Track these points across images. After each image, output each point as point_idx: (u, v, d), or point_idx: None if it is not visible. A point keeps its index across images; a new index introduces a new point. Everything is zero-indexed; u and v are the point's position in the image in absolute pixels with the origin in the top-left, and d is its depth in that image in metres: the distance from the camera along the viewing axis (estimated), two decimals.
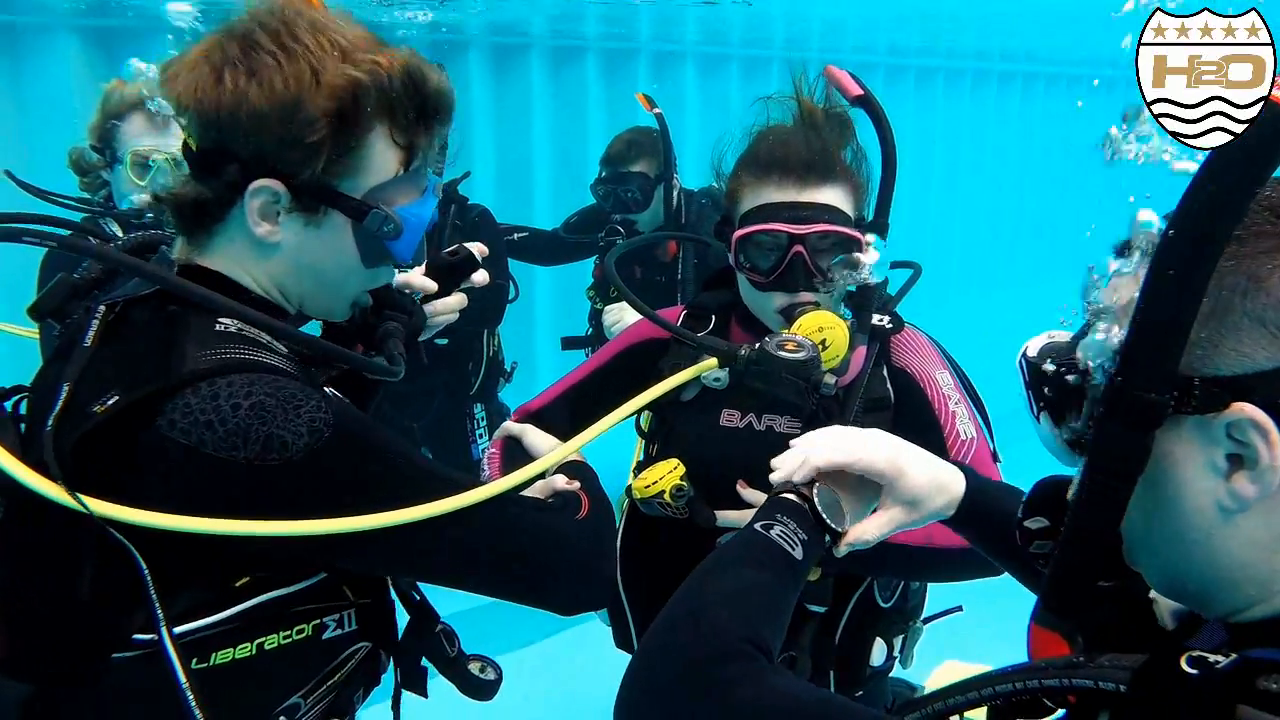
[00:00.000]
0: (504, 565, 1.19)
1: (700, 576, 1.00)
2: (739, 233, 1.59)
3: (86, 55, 4.36)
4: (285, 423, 1.03)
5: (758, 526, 1.10)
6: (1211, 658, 0.63)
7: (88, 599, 1.04)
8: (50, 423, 1.03)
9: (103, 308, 1.12)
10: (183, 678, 1.03)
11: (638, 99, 3.72)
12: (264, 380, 1.05)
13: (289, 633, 1.12)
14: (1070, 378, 0.76)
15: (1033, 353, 0.80)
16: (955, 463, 1.27)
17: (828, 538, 1.16)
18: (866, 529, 1.20)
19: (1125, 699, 0.67)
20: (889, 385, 1.65)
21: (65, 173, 2.76)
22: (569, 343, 3.80)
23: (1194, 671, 0.63)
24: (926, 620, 1.83)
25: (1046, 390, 0.79)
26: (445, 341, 3.43)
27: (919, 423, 1.61)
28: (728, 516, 1.61)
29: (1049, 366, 0.78)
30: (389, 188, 1.16)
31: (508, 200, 5.56)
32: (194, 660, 1.06)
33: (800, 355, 1.43)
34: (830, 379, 1.51)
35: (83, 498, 1.00)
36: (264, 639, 1.10)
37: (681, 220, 3.58)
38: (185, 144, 1.15)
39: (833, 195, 1.56)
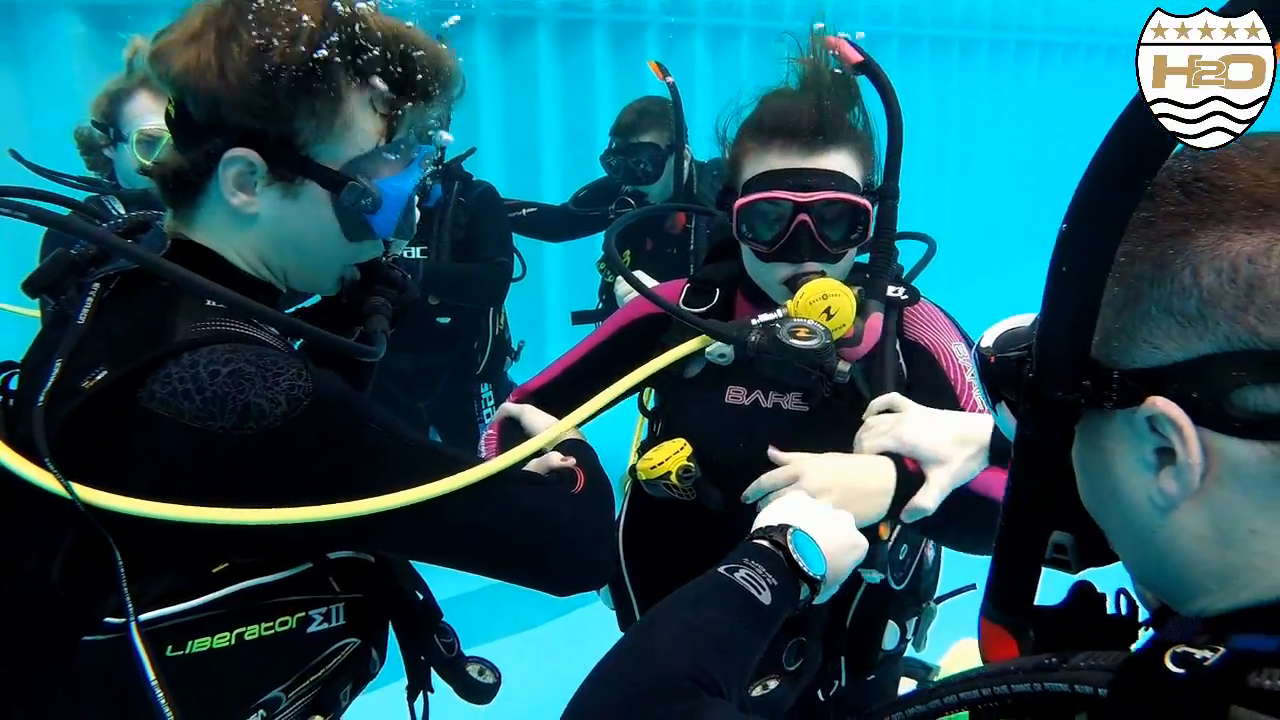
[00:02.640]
0: (494, 545, 1.16)
1: (653, 614, 0.99)
2: (741, 201, 1.53)
3: (88, 33, 4.32)
4: (264, 390, 1.00)
5: (722, 570, 1.07)
6: (1198, 654, 0.59)
7: (59, 579, 1.02)
8: (42, 399, 1.01)
9: (97, 284, 1.11)
10: (150, 671, 1.00)
11: (650, 67, 3.64)
12: (246, 349, 1.03)
13: (271, 624, 1.09)
14: (1020, 367, 0.71)
15: (987, 342, 0.76)
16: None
17: (805, 585, 1.12)
18: (924, 499, 1.27)
19: (1105, 704, 0.61)
20: (902, 360, 1.59)
21: (68, 152, 2.73)
22: (579, 317, 3.75)
23: (1180, 671, 0.58)
24: (939, 600, 1.78)
25: (994, 382, 0.75)
26: (447, 320, 3.39)
27: (935, 396, 1.56)
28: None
29: (994, 358, 0.75)
30: (369, 159, 1.14)
31: (516, 176, 5.51)
32: (169, 647, 1.03)
33: (813, 344, 1.38)
34: (843, 365, 1.46)
35: (73, 485, 0.97)
36: (244, 629, 1.08)
37: (693, 192, 3.51)
38: (167, 113, 1.15)
39: (839, 161, 1.49)
